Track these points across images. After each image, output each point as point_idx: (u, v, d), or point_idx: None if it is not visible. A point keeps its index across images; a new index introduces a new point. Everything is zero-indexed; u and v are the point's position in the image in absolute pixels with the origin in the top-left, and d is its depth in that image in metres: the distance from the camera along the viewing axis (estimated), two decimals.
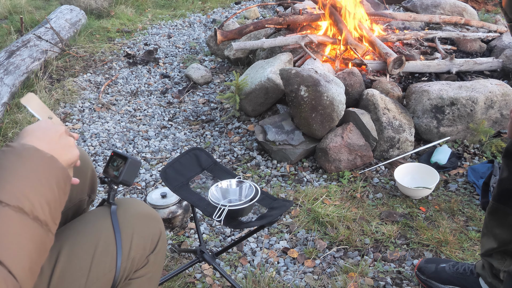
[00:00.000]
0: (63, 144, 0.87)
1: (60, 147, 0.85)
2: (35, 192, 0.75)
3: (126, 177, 1.09)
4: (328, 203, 2.15)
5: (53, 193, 0.78)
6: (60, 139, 0.87)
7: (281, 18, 3.21)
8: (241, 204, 1.43)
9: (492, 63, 2.93)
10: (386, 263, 1.83)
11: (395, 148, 2.44)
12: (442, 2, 3.71)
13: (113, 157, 1.12)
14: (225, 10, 5.11)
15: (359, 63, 2.86)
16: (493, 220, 1.44)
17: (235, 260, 1.87)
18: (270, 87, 2.68)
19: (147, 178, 2.44)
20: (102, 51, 4.03)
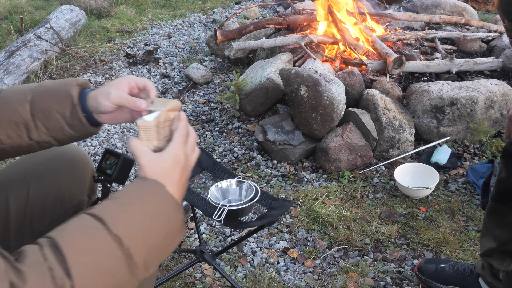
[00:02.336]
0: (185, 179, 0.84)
1: (182, 184, 0.82)
2: (143, 232, 0.73)
3: (120, 175, 1.07)
4: (328, 203, 2.15)
5: (158, 241, 0.75)
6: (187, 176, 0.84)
7: (281, 18, 3.21)
8: (241, 204, 1.43)
9: (492, 63, 2.93)
10: (386, 263, 1.84)
11: (395, 148, 2.44)
12: (442, 2, 3.71)
13: (106, 155, 1.10)
14: (225, 10, 5.11)
15: (359, 63, 2.85)
16: (492, 220, 1.44)
17: (235, 260, 1.87)
18: (270, 87, 2.68)
19: None
20: (102, 51, 4.03)
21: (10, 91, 1.01)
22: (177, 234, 0.79)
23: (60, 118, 0.98)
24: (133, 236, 0.71)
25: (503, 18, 1.21)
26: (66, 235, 0.69)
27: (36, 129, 0.99)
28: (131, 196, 0.76)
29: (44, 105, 0.98)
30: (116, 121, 1.02)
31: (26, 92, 0.99)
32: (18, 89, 1.01)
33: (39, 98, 0.99)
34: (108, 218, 0.71)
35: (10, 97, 0.99)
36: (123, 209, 0.74)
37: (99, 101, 0.96)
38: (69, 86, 0.99)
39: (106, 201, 0.76)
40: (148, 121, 0.82)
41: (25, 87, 1.01)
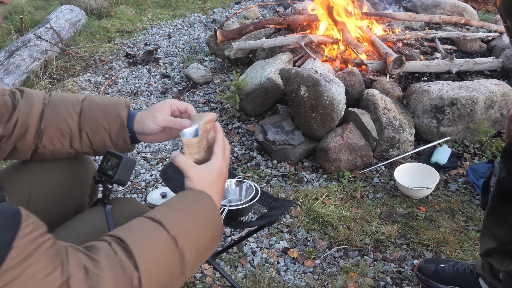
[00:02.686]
0: (223, 189, 0.94)
1: (221, 194, 0.93)
2: (193, 235, 0.82)
3: (121, 177, 1.07)
4: (328, 203, 2.15)
5: (205, 244, 0.84)
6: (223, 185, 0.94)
7: (281, 18, 3.21)
8: (241, 204, 1.43)
9: (492, 63, 2.93)
10: (386, 263, 1.84)
11: (395, 148, 2.44)
12: (442, 2, 3.71)
13: (107, 157, 1.10)
14: (225, 10, 5.11)
15: (359, 63, 2.86)
16: (492, 220, 1.44)
17: (235, 260, 1.87)
18: (270, 87, 2.68)
19: (147, 178, 2.44)
20: (102, 51, 4.03)
21: (58, 99, 1.09)
22: (218, 240, 0.89)
23: (106, 134, 1.09)
24: (186, 238, 0.80)
25: (505, 18, 1.21)
26: (130, 234, 0.77)
27: (80, 140, 1.09)
28: (183, 204, 0.86)
29: (93, 120, 1.07)
30: (156, 141, 1.12)
31: (75, 104, 1.09)
32: (66, 98, 1.10)
33: (88, 112, 1.08)
34: (165, 220, 0.80)
35: (58, 106, 1.08)
36: (177, 214, 0.83)
37: (146, 124, 1.07)
38: (119, 107, 1.09)
39: (160, 207, 0.86)
40: (192, 139, 0.93)
41: (73, 97, 1.11)
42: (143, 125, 1.08)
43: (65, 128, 1.07)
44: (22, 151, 1.09)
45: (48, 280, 0.62)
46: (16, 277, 0.59)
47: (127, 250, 0.74)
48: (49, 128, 1.07)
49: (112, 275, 0.69)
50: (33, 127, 1.06)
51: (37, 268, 0.61)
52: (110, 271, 0.69)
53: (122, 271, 0.71)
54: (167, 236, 0.78)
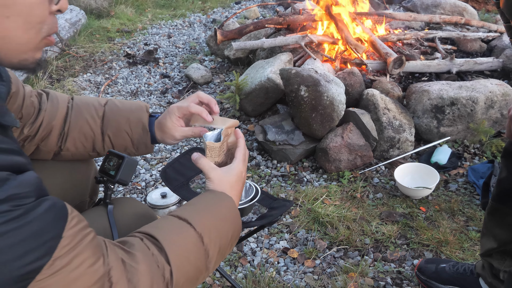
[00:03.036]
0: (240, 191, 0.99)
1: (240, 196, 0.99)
2: (217, 233, 0.86)
3: (123, 177, 1.08)
4: (328, 203, 2.15)
5: (226, 241, 0.89)
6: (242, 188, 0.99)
7: (281, 18, 3.21)
8: (241, 204, 1.43)
9: (493, 63, 2.93)
10: (386, 263, 1.83)
11: (395, 148, 2.44)
12: (442, 2, 3.71)
13: (109, 157, 1.10)
14: (225, 10, 5.11)
15: (359, 63, 2.85)
16: (492, 220, 1.43)
17: (235, 260, 1.87)
18: (270, 87, 2.68)
19: (147, 178, 2.44)
20: (102, 51, 4.03)
21: (81, 103, 1.13)
22: (237, 238, 0.93)
23: (128, 139, 1.13)
24: (210, 236, 0.84)
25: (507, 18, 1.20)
26: (160, 230, 0.81)
27: (103, 143, 1.13)
28: (206, 204, 0.90)
29: (115, 124, 1.12)
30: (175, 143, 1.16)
31: (97, 108, 1.13)
32: (89, 102, 1.14)
33: (111, 117, 1.12)
34: (191, 219, 0.84)
35: (82, 109, 1.12)
36: (201, 213, 0.87)
37: (167, 141, 1.13)
38: (140, 112, 1.13)
39: (184, 206, 0.90)
40: (215, 143, 0.98)
41: (95, 101, 1.15)
42: (164, 142, 1.14)
43: (89, 132, 1.11)
44: (45, 152, 1.12)
45: (92, 269, 0.66)
46: (65, 265, 0.63)
47: (158, 246, 0.78)
48: (73, 131, 1.10)
49: (147, 267, 0.73)
50: (56, 129, 1.09)
51: (83, 258, 0.65)
52: (145, 264, 0.73)
53: (155, 265, 0.75)
54: (194, 233, 0.82)
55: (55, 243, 0.62)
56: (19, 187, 0.59)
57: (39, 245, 0.60)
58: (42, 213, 0.61)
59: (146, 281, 0.72)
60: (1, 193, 0.57)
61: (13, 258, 0.57)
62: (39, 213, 0.61)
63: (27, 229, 0.59)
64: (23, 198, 0.59)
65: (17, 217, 0.58)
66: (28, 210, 0.60)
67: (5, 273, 0.57)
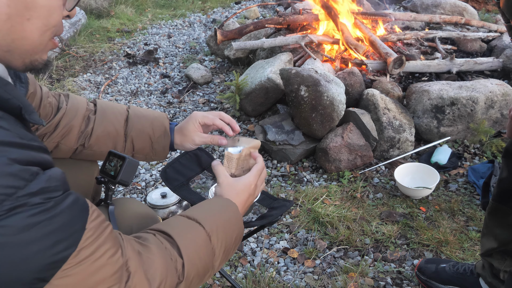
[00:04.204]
0: (249, 203, 1.06)
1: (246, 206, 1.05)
2: (223, 234, 0.91)
3: (124, 177, 1.07)
4: (328, 203, 2.15)
5: (231, 243, 0.94)
6: (251, 203, 1.06)
7: (281, 18, 3.21)
8: None
9: (493, 63, 2.93)
10: (386, 263, 1.83)
11: (395, 148, 2.44)
12: (443, 2, 3.71)
13: (109, 157, 1.10)
14: (225, 10, 5.11)
15: (359, 63, 2.85)
16: (493, 220, 1.43)
17: (235, 260, 1.87)
18: (270, 87, 2.68)
19: (147, 178, 2.44)
20: (102, 51, 4.03)
21: (105, 106, 1.20)
22: (240, 240, 0.97)
23: (149, 141, 1.20)
24: (218, 236, 0.89)
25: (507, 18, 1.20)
26: (172, 227, 0.86)
27: (125, 144, 1.19)
28: (212, 207, 0.96)
29: (140, 127, 1.19)
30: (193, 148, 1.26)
31: (122, 111, 1.20)
32: (112, 105, 1.22)
33: (135, 119, 1.20)
34: (199, 218, 0.89)
35: (107, 112, 1.19)
36: (209, 214, 0.92)
37: (186, 146, 1.23)
38: (162, 118, 1.22)
39: (192, 208, 0.95)
40: (233, 154, 1.07)
41: (118, 105, 1.22)
42: (182, 146, 1.23)
43: (113, 132, 1.17)
44: (64, 150, 1.16)
45: (112, 260, 0.69)
46: (89, 255, 0.66)
47: (170, 241, 0.83)
48: (97, 130, 1.16)
49: (162, 259, 0.78)
50: (76, 127, 1.14)
51: (104, 249, 0.69)
52: (160, 256, 0.78)
53: (169, 257, 0.79)
54: (203, 231, 0.87)
55: (80, 234, 0.65)
56: (48, 181, 0.63)
57: (67, 236, 0.63)
58: (68, 206, 0.65)
59: (161, 272, 0.76)
60: (34, 186, 0.60)
61: (45, 248, 0.61)
62: (66, 205, 0.64)
63: (57, 220, 0.62)
64: (53, 191, 0.63)
65: (48, 209, 0.61)
66: (57, 203, 0.63)
67: (36, 262, 0.60)
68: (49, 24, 0.72)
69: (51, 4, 0.71)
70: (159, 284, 0.76)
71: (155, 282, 0.75)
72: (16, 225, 0.58)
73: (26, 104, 0.69)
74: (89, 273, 0.66)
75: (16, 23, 0.67)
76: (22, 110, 0.68)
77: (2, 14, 0.65)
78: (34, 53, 0.73)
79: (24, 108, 0.68)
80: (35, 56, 0.74)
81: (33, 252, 0.60)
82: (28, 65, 0.74)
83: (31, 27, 0.69)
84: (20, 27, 0.68)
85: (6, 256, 0.58)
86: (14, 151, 0.61)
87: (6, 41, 0.68)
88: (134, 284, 0.72)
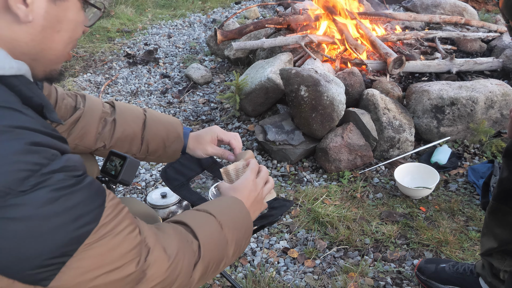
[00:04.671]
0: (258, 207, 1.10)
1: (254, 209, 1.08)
2: (233, 224, 0.95)
3: (125, 177, 1.07)
4: (328, 203, 2.15)
5: (241, 234, 0.97)
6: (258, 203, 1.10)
7: (281, 18, 3.21)
8: None
9: (492, 63, 2.93)
10: (386, 263, 1.83)
11: (395, 148, 2.44)
12: (442, 2, 3.71)
13: (110, 157, 1.10)
14: (225, 10, 5.11)
15: (359, 63, 2.85)
16: (493, 220, 1.43)
17: (235, 260, 1.87)
18: (270, 87, 2.68)
19: (147, 178, 2.44)
20: (102, 51, 4.03)
21: (124, 108, 1.25)
22: (250, 233, 1.01)
23: (162, 145, 1.25)
24: (228, 226, 0.92)
25: (507, 18, 1.21)
26: (184, 216, 0.90)
27: (141, 146, 1.24)
28: (218, 202, 1.00)
29: (155, 131, 1.25)
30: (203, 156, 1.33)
31: (139, 114, 1.25)
32: (130, 107, 1.27)
33: (152, 123, 1.25)
34: (209, 210, 0.93)
35: (126, 114, 1.24)
36: (217, 207, 0.96)
37: (197, 153, 1.30)
38: (177, 123, 1.29)
39: (199, 205, 0.98)
40: (227, 167, 1.14)
41: (134, 108, 1.28)
42: (194, 152, 1.31)
43: (131, 135, 1.22)
44: (83, 151, 1.20)
45: (131, 236, 0.73)
46: (109, 231, 0.70)
47: (185, 226, 0.87)
48: (118, 133, 1.20)
49: (178, 239, 0.82)
50: (94, 129, 1.18)
51: (123, 226, 0.73)
52: (176, 237, 0.82)
53: (185, 239, 0.84)
54: (214, 219, 0.91)
55: (101, 210, 0.69)
56: (68, 161, 0.68)
57: (89, 211, 0.68)
58: (88, 184, 0.69)
59: (179, 249, 0.80)
60: (56, 164, 0.65)
61: (67, 221, 0.65)
62: (86, 183, 0.69)
63: (79, 195, 0.67)
64: (73, 170, 0.68)
65: (70, 185, 0.66)
66: (78, 180, 0.68)
67: (60, 235, 0.64)
68: (74, 37, 0.80)
69: (78, 19, 0.78)
70: (178, 260, 0.79)
71: (173, 257, 0.78)
72: (41, 198, 0.62)
73: (47, 103, 0.75)
74: (109, 248, 0.70)
75: (47, 34, 0.74)
76: (44, 109, 0.73)
77: (38, 25, 0.72)
78: (55, 63, 0.80)
79: (45, 106, 0.74)
80: (54, 66, 0.81)
81: (56, 225, 0.64)
82: (47, 74, 0.80)
83: (59, 39, 0.76)
84: (50, 38, 0.75)
85: (32, 228, 0.62)
86: (38, 136, 0.66)
87: (36, 50, 0.74)
88: (154, 258, 0.76)
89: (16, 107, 0.67)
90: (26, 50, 0.73)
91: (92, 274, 0.68)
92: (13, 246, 0.62)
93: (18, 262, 0.62)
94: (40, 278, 0.64)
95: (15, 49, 0.71)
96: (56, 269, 0.65)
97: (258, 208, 1.09)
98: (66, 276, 0.66)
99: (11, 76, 0.69)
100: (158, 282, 0.77)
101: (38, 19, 0.72)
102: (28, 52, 0.73)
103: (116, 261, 0.71)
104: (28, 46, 0.73)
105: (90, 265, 0.68)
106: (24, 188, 0.61)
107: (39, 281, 0.65)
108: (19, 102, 0.69)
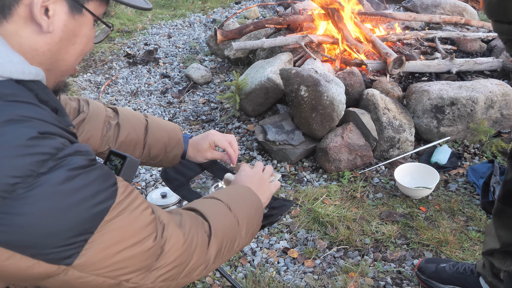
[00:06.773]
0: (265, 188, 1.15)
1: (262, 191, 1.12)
2: (242, 206, 0.99)
3: (125, 177, 1.07)
4: (328, 203, 2.15)
5: (251, 213, 1.01)
6: (263, 184, 1.15)
7: (281, 18, 3.21)
8: None
9: (492, 63, 2.93)
10: (386, 263, 1.83)
11: (395, 148, 2.44)
12: (442, 2, 3.71)
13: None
14: (225, 10, 5.11)
15: (359, 63, 2.85)
16: (498, 222, 1.43)
17: (235, 260, 1.87)
18: (270, 87, 2.68)
19: (147, 178, 2.44)
20: (102, 51, 4.03)
21: (127, 113, 1.29)
22: (261, 212, 1.05)
23: (164, 150, 1.30)
24: (236, 205, 0.97)
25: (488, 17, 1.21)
26: (193, 204, 0.95)
27: (143, 150, 1.28)
28: (223, 189, 1.05)
29: (157, 136, 1.29)
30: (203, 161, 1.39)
31: (141, 119, 1.29)
32: (133, 113, 1.31)
33: (154, 129, 1.29)
34: (215, 195, 0.98)
35: (130, 119, 1.27)
36: (221, 192, 1.01)
37: (198, 159, 1.35)
38: (177, 129, 1.33)
39: (211, 193, 1.05)
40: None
41: (137, 113, 1.32)
42: (195, 159, 1.36)
43: (135, 139, 1.26)
44: None
45: (146, 213, 0.77)
46: (126, 207, 0.74)
47: (196, 210, 0.92)
48: (122, 136, 1.24)
49: (190, 218, 0.87)
50: (99, 132, 1.21)
51: (138, 203, 0.77)
52: (187, 216, 0.87)
53: (196, 220, 0.88)
54: (222, 203, 0.95)
55: (115, 188, 0.73)
56: (81, 146, 0.72)
57: (105, 188, 0.71)
58: (101, 165, 0.74)
59: (192, 226, 0.84)
60: (70, 149, 0.69)
61: (88, 196, 0.68)
62: (99, 165, 0.73)
63: (94, 174, 0.71)
64: (86, 154, 0.72)
65: (85, 165, 0.70)
66: (92, 162, 0.72)
67: (80, 211, 0.67)
68: (84, 50, 0.84)
69: (90, 34, 0.83)
70: (193, 235, 0.83)
71: (188, 232, 0.83)
72: (59, 177, 0.66)
73: (61, 107, 0.79)
74: (128, 222, 0.74)
75: (63, 45, 0.79)
76: (58, 112, 0.78)
77: (56, 36, 0.77)
78: (64, 75, 0.85)
79: (59, 110, 0.78)
80: (63, 77, 0.86)
81: (77, 200, 0.67)
82: (56, 85, 0.85)
83: (73, 51, 0.81)
84: (65, 49, 0.79)
85: (53, 205, 0.65)
86: (52, 127, 0.70)
87: (51, 60, 0.79)
88: (170, 233, 0.80)
89: (34, 102, 0.71)
90: (43, 60, 0.77)
91: (113, 250, 0.71)
92: (37, 222, 0.64)
93: (43, 239, 0.65)
94: (64, 256, 0.67)
95: (34, 58, 0.76)
96: (79, 247, 0.68)
97: (265, 188, 1.13)
98: (89, 252, 0.69)
99: (29, 81, 0.74)
100: (177, 256, 0.80)
101: (57, 31, 0.76)
102: (44, 62, 0.78)
103: (135, 235, 0.74)
104: (45, 56, 0.77)
105: (110, 240, 0.71)
106: (44, 170, 0.65)
107: (64, 259, 0.67)
108: (36, 100, 0.73)
